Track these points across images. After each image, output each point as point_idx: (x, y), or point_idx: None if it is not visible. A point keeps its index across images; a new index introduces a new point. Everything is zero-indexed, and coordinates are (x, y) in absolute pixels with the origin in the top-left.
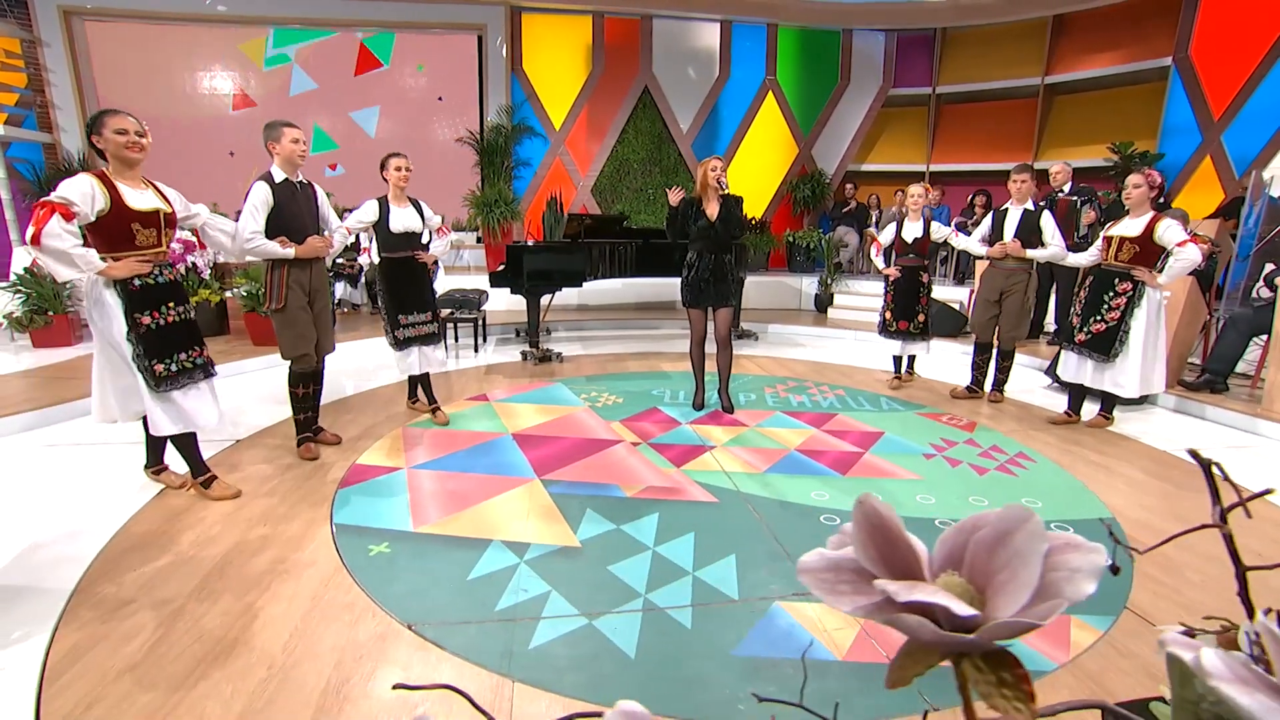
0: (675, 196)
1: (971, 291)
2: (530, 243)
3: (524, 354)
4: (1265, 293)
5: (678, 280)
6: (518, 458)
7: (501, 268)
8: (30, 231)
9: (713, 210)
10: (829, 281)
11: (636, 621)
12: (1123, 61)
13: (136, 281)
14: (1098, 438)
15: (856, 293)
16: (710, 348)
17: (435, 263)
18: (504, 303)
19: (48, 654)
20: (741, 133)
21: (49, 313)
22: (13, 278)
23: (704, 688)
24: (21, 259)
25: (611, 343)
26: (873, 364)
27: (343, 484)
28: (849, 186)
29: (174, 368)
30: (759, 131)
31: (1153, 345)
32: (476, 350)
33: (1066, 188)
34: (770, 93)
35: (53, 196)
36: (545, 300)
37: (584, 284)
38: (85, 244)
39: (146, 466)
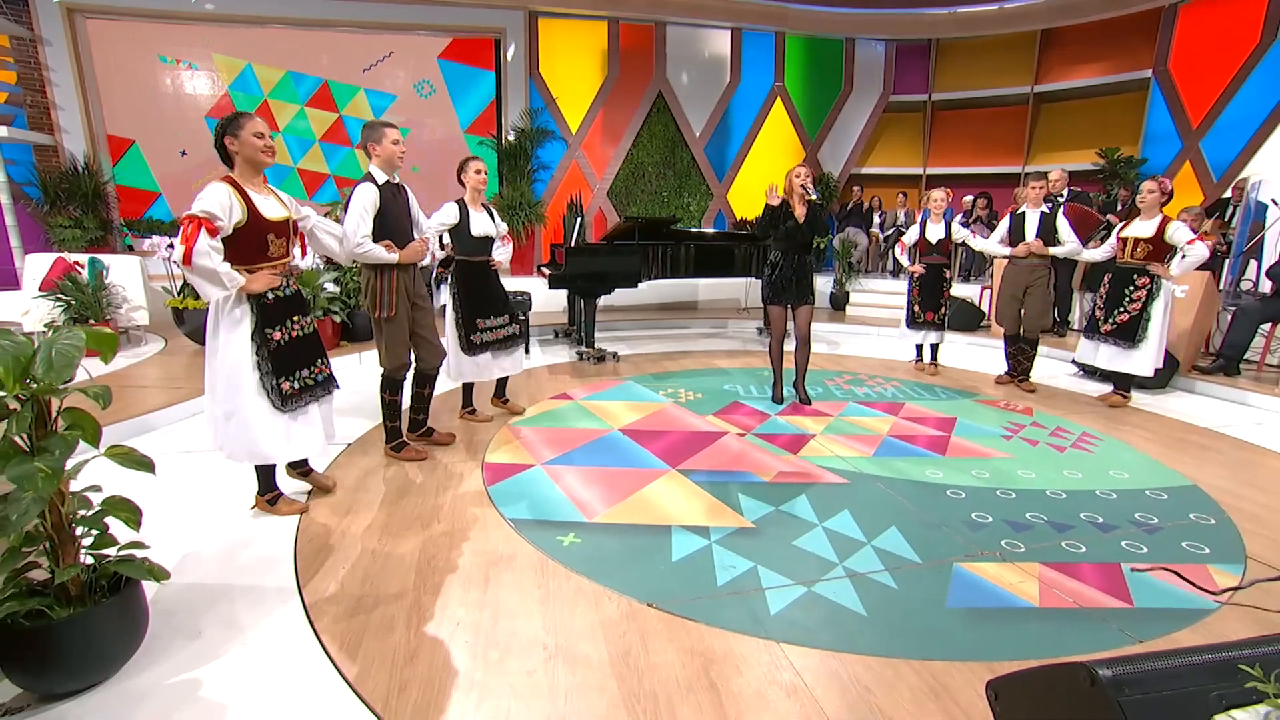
0: (774, 199)
1: (983, 288)
2: (593, 244)
3: (580, 354)
4: (1247, 285)
5: (701, 281)
6: (640, 451)
7: (559, 270)
8: (180, 251)
9: (800, 213)
10: (844, 280)
11: (848, 586)
12: (1106, 73)
13: (270, 295)
14: (1141, 416)
15: (871, 290)
16: (788, 345)
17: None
18: (534, 304)
19: (323, 647)
20: (752, 137)
21: (90, 320)
22: (26, 285)
23: (943, 634)
24: (35, 266)
25: (649, 342)
26: (907, 357)
27: (489, 481)
28: (856, 189)
29: (297, 385)
30: (768, 136)
31: (1165, 330)
32: (527, 351)
33: (1065, 193)
34: (779, 98)
35: (195, 210)
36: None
37: (640, 284)
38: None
39: (291, 468)
